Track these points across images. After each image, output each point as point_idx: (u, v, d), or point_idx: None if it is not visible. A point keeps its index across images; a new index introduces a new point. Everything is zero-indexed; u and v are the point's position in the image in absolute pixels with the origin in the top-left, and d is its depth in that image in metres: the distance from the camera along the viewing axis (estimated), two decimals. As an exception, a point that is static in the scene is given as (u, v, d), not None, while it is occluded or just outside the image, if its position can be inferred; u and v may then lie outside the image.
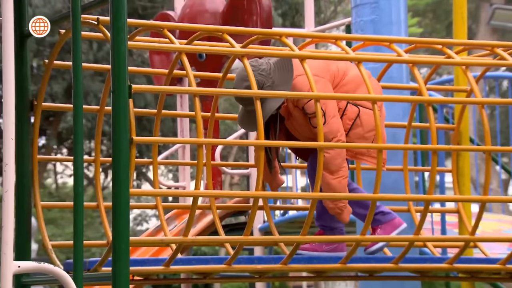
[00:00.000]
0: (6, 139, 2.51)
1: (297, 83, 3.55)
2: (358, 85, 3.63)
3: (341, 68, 3.66)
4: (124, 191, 2.85)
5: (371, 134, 3.61)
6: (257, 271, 3.49)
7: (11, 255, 2.44)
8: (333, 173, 3.52)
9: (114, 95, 2.88)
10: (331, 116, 3.53)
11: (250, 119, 3.55)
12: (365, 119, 3.61)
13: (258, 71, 3.52)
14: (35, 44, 18.53)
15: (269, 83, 3.52)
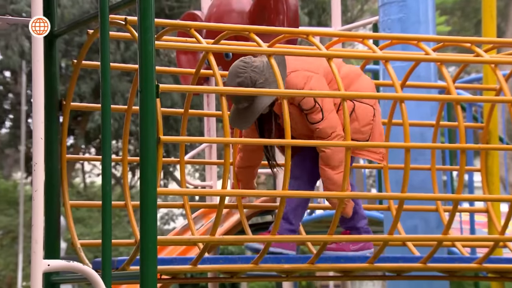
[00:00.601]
0: (36, 139, 2.53)
1: (290, 80, 3.53)
2: (352, 80, 3.62)
3: (335, 64, 3.63)
4: (152, 190, 2.86)
5: (367, 128, 3.60)
6: (284, 270, 3.49)
7: (41, 253, 2.46)
8: (335, 168, 3.51)
9: (141, 95, 2.89)
10: (329, 111, 3.52)
11: (242, 117, 3.52)
12: (360, 113, 3.60)
13: (251, 67, 3.50)
14: (63, 45, 18.69)
15: (261, 80, 3.49)
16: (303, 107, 3.52)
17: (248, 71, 3.48)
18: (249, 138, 3.70)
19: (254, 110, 3.48)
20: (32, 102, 2.56)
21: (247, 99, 3.47)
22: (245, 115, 3.49)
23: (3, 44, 20.23)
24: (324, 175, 3.52)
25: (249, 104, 3.48)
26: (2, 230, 24.11)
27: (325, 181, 3.52)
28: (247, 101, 3.48)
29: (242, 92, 3.47)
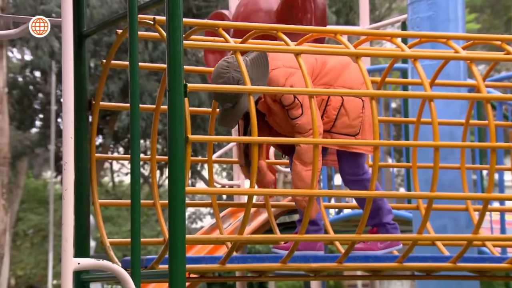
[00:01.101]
0: (66, 138, 2.55)
1: (272, 77, 3.51)
2: (339, 72, 3.59)
3: (320, 58, 3.61)
4: (180, 190, 2.87)
5: (357, 121, 3.57)
6: (312, 269, 3.48)
7: (71, 252, 2.48)
8: (306, 165, 3.48)
9: (170, 94, 2.91)
10: (308, 107, 3.47)
11: (228, 117, 3.53)
12: (349, 107, 3.57)
13: (233, 67, 3.49)
14: (92, 45, 18.83)
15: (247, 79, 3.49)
16: (284, 103, 3.51)
17: (230, 71, 3.48)
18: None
19: (239, 110, 3.49)
20: (62, 101, 2.57)
21: (231, 100, 3.49)
22: (231, 115, 3.49)
23: (33, 44, 20.45)
24: (294, 169, 3.50)
25: (233, 104, 3.50)
26: (32, 228, 24.38)
27: (294, 175, 3.50)
28: (231, 101, 3.49)
29: (271, 91, 3.46)
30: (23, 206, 24.07)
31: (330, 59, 3.63)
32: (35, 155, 24.81)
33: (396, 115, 16.21)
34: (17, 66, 23.32)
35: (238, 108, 3.49)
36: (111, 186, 26.03)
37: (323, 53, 3.62)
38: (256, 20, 5.62)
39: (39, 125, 23.42)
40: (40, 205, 24.56)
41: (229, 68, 3.48)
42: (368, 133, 3.60)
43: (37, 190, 25.47)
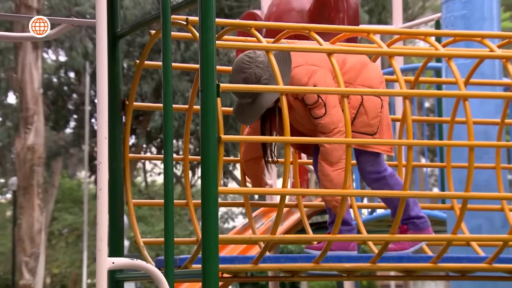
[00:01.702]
0: (100, 138, 2.57)
1: (295, 75, 3.47)
2: (359, 71, 3.55)
3: (340, 57, 3.55)
4: (213, 189, 2.88)
5: (375, 121, 3.52)
6: (346, 269, 3.47)
7: (105, 251, 2.50)
8: (332, 165, 3.43)
9: (202, 94, 2.91)
10: (332, 106, 3.45)
11: (246, 112, 3.48)
12: (369, 106, 3.52)
13: (255, 63, 3.45)
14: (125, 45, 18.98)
15: (266, 76, 3.45)
16: (306, 102, 3.47)
17: (252, 66, 3.44)
18: (253, 130, 3.66)
19: (259, 106, 3.44)
20: (96, 102, 2.60)
21: (250, 95, 3.43)
22: (250, 111, 3.44)
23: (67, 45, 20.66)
24: (321, 170, 3.45)
25: (252, 100, 3.45)
26: (67, 228, 24.65)
27: (322, 177, 3.46)
28: (251, 97, 3.44)
29: (300, 90, 3.45)
30: (58, 206, 24.35)
31: (350, 58, 3.58)
32: (70, 155, 25.08)
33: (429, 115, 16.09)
34: (52, 67, 23.59)
35: (258, 104, 3.44)
36: (144, 186, 26.20)
37: (356, 53, 3.60)
38: (289, 20, 5.61)
39: (73, 126, 23.67)
40: (74, 204, 24.82)
41: (251, 63, 3.45)
42: (386, 133, 3.57)
43: (72, 189, 25.75)
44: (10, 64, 21.82)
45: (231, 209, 24.65)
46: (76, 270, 22.99)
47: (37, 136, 14.82)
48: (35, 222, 14.56)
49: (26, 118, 14.79)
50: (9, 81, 23.00)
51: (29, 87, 14.82)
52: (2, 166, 26.07)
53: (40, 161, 14.95)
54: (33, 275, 14.21)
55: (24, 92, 14.88)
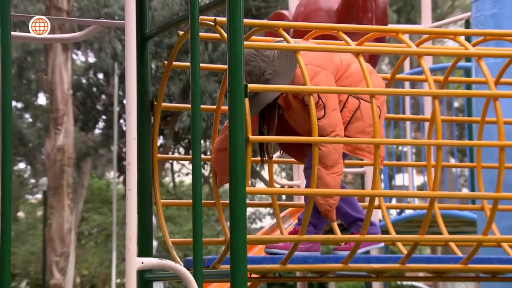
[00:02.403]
0: (129, 139, 2.58)
1: (298, 74, 3.44)
2: (361, 78, 3.49)
3: (345, 60, 3.52)
4: (241, 190, 2.88)
5: (371, 129, 3.45)
6: (374, 270, 3.45)
7: (134, 251, 2.51)
8: (328, 168, 3.39)
9: (230, 95, 2.92)
10: (332, 109, 3.41)
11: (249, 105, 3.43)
12: (366, 113, 3.48)
13: (261, 57, 3.43)
14: (153, 46, 19.07)
15: (270, 71, 3.42)
16: (307, 102, 3.42)
17: (258, 60, 3.42)
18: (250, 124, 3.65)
19: (260, 101, 3.42)
20: (125, 103, 2.61)
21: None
22: (251, 104, 3.40)
23: (96, 46, 20.81)
24: (317, 174, 3.37)
25: (254, 93, 3.42)
26: (96, 228, 24.83)
27: (317, 180, 3.38)
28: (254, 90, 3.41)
29: (318, 90, 3.43)
30: (87, 206, 24.54)
31: (355, 63, 3.54)
32: (99, 155, 25.27)
33: (459, 115, 15.95)
34: (81, 68, 23.80)
35: (259, 99, 3.42)
36: (172, 186, 26.32)
37: (385, 53, 3.59)
38: (316, 20, 5.59)
39: (102, 126, 23.83)
40: (103, 204, 24.99)
41: (256, 57, 3.43)
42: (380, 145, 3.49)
43: (101, 190, 25.94)
44: (41, 65, 22.06)
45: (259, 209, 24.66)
46: (105, 270, 23.15)
47: (67, 136, 14.95)
48: (65, 222, 14.69)
49: (56, 119, 14.93)
50: (39, 82, 23.26)
51: (59, 88, 14.97)
52: (33, 166, 26.36)
53: (70, 161, 15.08)
54: (63, 274, 14.34)
55: (54, 93, 15.03)
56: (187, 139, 22.18)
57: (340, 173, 3.41)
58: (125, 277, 2.52)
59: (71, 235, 14.87)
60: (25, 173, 27.22)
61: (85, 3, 20.75)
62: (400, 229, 6.04)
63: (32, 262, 24.46)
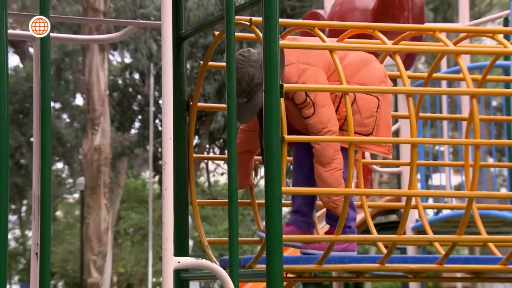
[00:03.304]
0: (165, 139, 2.60)
1: (285, 74, 3.41)
2: (357, 69, 3.43)
3: (339, 53, 3.44)
4: (277, 189, 2.88)
5: (370, 120, 3.41)
6: (411, 270, 3.42)
7: (171, 251, 2.52)
8: (324, 166, 3.35)
9: (266, 94, 2.92)
10: (321, 105, 3.36)
11: (242, 111, 3.42)
12: (362, 105, 3.41)
13: (248, 62, 3.39)
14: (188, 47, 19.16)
15: (260, 75, 3.38)
16: (295, 101, 3.39)
17: (246, 65, 3.39)
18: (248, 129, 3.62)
19: (253, 106, 3.41)
20: (162, 103, 2.62)
21: (247, 94, 3.40)
22: (246, 110, 3.40)
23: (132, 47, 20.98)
24: (315, 172, 3.38)
25: (248, 99, 3.41)
26: (132, 227, 25.03)
27: (316, 178, 3.38)
28: (247, 96, 3.40)
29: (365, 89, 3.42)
30: (123, 205, 24.75)
31: (350, 55, 3.48)
32: (134, 155, 25.46)
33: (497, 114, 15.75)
34: (117, 69, 24.00)
35: (253, 104, 3.41)
36: (207, 186, 26.41)
37: (422, 51, 3.55)
38: (352, 19, 5.57)
39: (138, 126, 24.00)
40: (139, 204, 25.18)
41: (244, 62, 3.41)
42: (384, 134, 3.47)
43: (137, 189, 26.14)
44: (78, 66, 22.30)
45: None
46: (142, 269, 23.33)
47: (104, 137, 15.10)
48: (102, 221, 14.84)
49: (93, 119, 15.08)
50: (77, 83, 23.52)
51: (96, 89, 15.12)
52: (70, 166, 26.67)
53: (107, 161, 15.23)
54: (101, 273, 14.49)
55: (91, 94, 15.18)
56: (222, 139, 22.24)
57: (338, 169, 3.36)
58: (162, 276, 2.53)
59: (108, 234, 15.01)
60: (63, 173, 27.56)
61: (121, 4, 20.93)
62: (437, 229, 5.97)
63: (70, 260, 24.75)
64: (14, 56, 25.50)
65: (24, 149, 23.64)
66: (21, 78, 24.31)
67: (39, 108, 2.66)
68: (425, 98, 5.90)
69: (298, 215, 3.55)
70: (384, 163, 7.81)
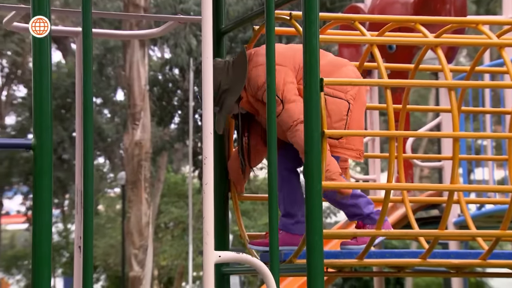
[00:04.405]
0: (205, 133, 2.60)
1: (251, 76, 3.38)
2: (329, 73, 3.36)
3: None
4: (317, 184, 2.87)
5: (339, 124, 3.35)
6: (454, 266, 3.39)
7: (212, 245, 2.53)
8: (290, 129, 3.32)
9: (306, 89, 2.91)
10: (289, 101, 3.31)
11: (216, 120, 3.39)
12: (332, 109, 3.34)
13: (215, 71, 3.35)
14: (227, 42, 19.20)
15: (226, 82, 3.38)
16: (264, 101, 3.35)
17: (214, 74, 3.34)
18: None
19: (224, 112, 3.41)
20: (202, 97, 2.63)
21: (217, 103, 3.38)
22: (219, 119, 3.40)
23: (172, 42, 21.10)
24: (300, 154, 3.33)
25: (220, 108, 3.40)
26: (173, 221, 25.21)
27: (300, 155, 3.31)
28: (217, 105, 3.39)
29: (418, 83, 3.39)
30: (163, 200, 24.94)
31: (324, 58, 3.40)
32: (174, 150, 25.63)
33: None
34: (157, 64, 24.17)
35: (224, 110, 3.41)
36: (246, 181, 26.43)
37: (465, 44, 3.51)
38: (393, 13, 5.53)
39: (178, 121, 24.14)
40: (179, 198, 25.34)
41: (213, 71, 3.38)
42: (355, 139, 3.40)
43: (177, 184, 26.31)
44: (119, 61, 22.51)
45: (333, 203, 24.49)
46: (182, 263, 23.49)
47: (144, 131, 15.22)
48: (143, 215, 14.97)
49: (134, 114, 15.21)
50: (117, 78, 23.75)
51: (137, 84, 15.24)
52: (111, 161, 26.96)
53: (147, 156, 15.35)
54: (142, 267, 14.62)
55: (131, 89, 15.31)
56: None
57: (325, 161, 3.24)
58: (203, 270, 2.54)
59: (149, 228, 15.14)
60: (104, 168, 27.87)
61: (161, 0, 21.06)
62: (480, 224, 5.91)
63: (112, 254, 25.03)
64: (57, 52, 25.87)
65: (66, 144, 23.96)
66: (63, 74, 24.63)
67: (81, 104, 2.69)
68: (467, 91, 5.82)
69: (287, 218, 3.50)
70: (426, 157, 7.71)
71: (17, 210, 28.44)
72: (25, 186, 26.41)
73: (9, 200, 27.99)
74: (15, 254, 29.39)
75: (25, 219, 27.15)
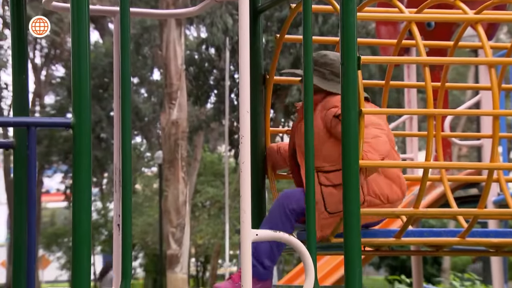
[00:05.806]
0: (242, 112, 2.61)
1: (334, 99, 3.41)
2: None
3: None
4: (354, 163, 2.86)
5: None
6: (493, 245, 3.35)
7: (249, 223, 2.54)
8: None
9: (343, 67, 2.89)
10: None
11: None
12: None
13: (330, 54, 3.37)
14: (264, 20, 19.13)
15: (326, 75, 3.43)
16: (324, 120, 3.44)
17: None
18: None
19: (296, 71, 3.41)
20: (239, 76, 2.63)
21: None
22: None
23: (208, 22, 21.09)
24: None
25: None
26: (209, 200, 25.36)
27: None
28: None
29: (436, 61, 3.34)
30: (200, 179, 25.06)
31: None
32: (210, 129, 25.69)
33: None
34: (194, 43, 24.20)
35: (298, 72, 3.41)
36: (283, 159, 26.41)
37: (504, 21, 3.44)
38: (431, -11, 5.44)
39: (214, 101, 24.18)
40: (215, 178, 25.45)
41: None
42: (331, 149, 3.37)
43: (213, 163, 26.41)
44: (156, 41, 22.59)
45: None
46: (219, 241, 23.64)
47: (181, 111, 15.28)
48: (180, 194, 15.07)
49: (170, 93, 15.27)
50: (154, 58, 23.84)
51: (173, 64, 15.29)
52: (149, 140, 27.15)
53: (184, 135, 15.42)
54: (179, 245, 14.75)
55: (168, 68, 15.36)
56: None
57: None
58: (240, 249, 2.56)
59: (186, 207, 15.24)
60: (141, 147, 28.08)
61: (197, -21, 21.03)
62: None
63: (149, 232, 25.28)
64: (94, 31, 26.04)
65: (104, 123, 24.17)
66: (100, 54, 24.80)
67: (119, 83, 2.71)
68: (507, 69, 5.73)
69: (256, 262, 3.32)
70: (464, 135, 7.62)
71: (56, 189, 28.86)
72: (64, 165, 26.76)
73: (49, 179, 28.40)
74: (55, 231, 29.86)
75: (64, 197, 27.54)
